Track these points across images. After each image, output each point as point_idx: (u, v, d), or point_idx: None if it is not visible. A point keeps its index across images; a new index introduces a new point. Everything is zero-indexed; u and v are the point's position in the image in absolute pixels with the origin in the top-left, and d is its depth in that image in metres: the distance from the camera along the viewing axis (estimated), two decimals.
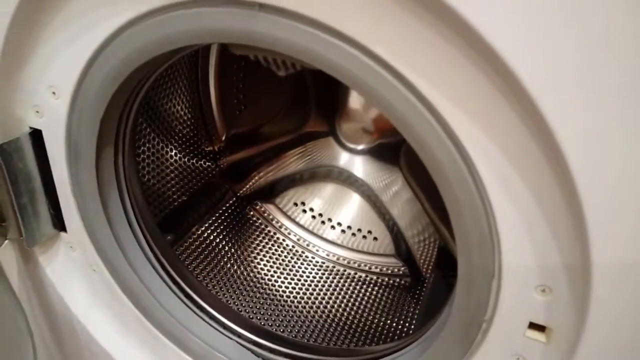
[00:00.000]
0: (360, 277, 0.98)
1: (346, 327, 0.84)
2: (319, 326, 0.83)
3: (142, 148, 0.82)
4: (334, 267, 0.99)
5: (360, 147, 0.92)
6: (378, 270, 0.98)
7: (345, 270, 0.98)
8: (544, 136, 0.35)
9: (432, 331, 0.54)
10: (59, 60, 0.52)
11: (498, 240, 0.42)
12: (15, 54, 0.52)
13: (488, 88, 0.36)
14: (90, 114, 0.53)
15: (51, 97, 0.54)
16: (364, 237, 0.99)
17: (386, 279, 0.97)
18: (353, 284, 0.96)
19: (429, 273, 0.92)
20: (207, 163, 1.00)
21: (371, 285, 0.96)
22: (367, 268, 0.99)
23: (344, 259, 1.00)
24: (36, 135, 0.58)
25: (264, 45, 0.42)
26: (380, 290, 0.95)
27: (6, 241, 0.61)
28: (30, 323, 0.52)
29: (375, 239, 0.99)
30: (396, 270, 0.97)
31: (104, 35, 0.48)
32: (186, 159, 0.94)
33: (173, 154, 0.91)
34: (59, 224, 0.65)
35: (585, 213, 0.36)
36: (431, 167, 0.41)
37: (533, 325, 0.45)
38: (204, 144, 0.98)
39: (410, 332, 0.82)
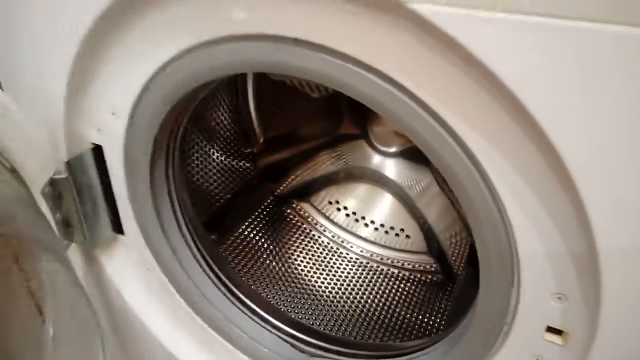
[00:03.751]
0: (393, 273, 1.01)
1: (379, 322, 0.88)
2: (352, 320, 0.88)
3: (190, 153, 0.89)
4: (367, 263, 1.03)
5: (391, 149, 0.95)
6: (411, 267, 1.01)
7: (378, 267, 1.02)
8: (554, 160, 0.38)
9: (459, 330, 0.58)
10: (118, 84, 0.58)
11: (517, 254, 0.45)
12: (80, 78, 0.58)
13: (503, 116, 0.40)
14: (145, 133, 0.59)
15: (111, 118, 0.61)
16: (397, 234, 1.03)
17: (418, 275, 1.00)
18: (386, 280, 1.00)
19: (461, 270, 0.95)
20: (247, 164, 1.05)
21: (404, 281, 1.00)
22: (400, 265, 1.02)
23: (377, 256, 1.03)
24: (97, 151, 0.64)
25: (297, 75, 0.47)
26: (413, 287, 0.99)
27: (72, 244, 0.68)
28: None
29: (407, 236, 1.02)
30: (428, 267, 1.00)
31: (158, 64, 0.54)
32: (228, 161, 1.00)
33: (216, 156, 0.97)
34: (118, 228, 0.71)
35: (594, 229, 0.39)
36: (455, 188, 0.45)
37: (551, 329, 0.48)
38: (243, 146, 1.03)
39: (442, 328, 0.86)
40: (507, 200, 0.43)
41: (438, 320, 0.88)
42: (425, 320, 0.89)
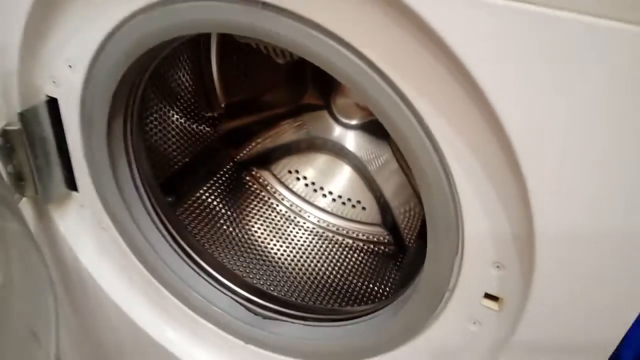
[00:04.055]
0: (348, 243, 1.04)
1: (332, 289, 0.91)
2: (306, 286, 0.91)
3: (149, 112, 0.87)
4: (323, 232, 1.05)
5: (352, 122, 0.97)
6: (365, 238, 1.05)
7: (334, 237, 1.05)
8: (505, 143, 0.41)
9: (404, 296, 0.61)
10: (77, 37, 0.56)
11: (462, 225, 0.48)
12: (36, 31, 0.56)
13: (452, 83, 0.42)
14: (103, 88, 0.58)
15: (68, 70, 0.59)
16: (353, 206, 1.05)
17: (372, 246, 1.04)
18: (341, 249, 1.03)
19: (412, 243, 0.99)
20: (207, 128, 1.04)
21: (357, 251, 1.03)
22: (354, 235, 1.05)
23: (333, 226, 1.06)
24: (53, 104, 0.63)
25: (264, 39, 0.47)
26: (366, 257, 1.02)
27: (24, 198, 0.66)
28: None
29: (363, 208, 1.05)
30: (381, 238, 1.04)
31: (119, 18, 0.52)
32: (187, 124, 0.98)
33: (175, 118, 0.95)
34: (71, 184, 0.70)
35: (535, 214, 0.42)
36: (410, 161, 0.47)
37: (488, 296, 0.52)
38: (204, 110, 1.02)
39: (389, 296, 0.90)
40: (458, 176, 0.46)
41: (387, 289, 0.92)
42: (376, 288, 0.93)
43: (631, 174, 0.38)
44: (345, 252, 1.02)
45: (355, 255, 1.02)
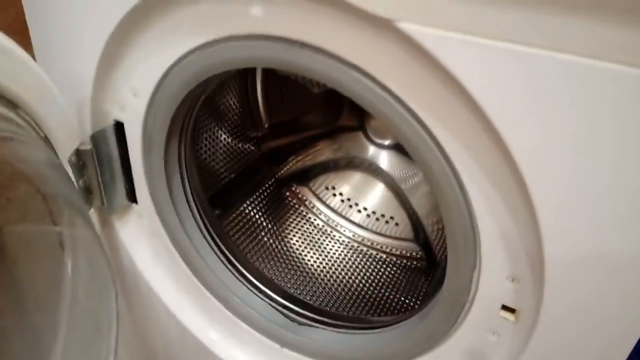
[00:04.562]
0: (381, 257, 1.09)
1: (364, 299, 0.96)
2: (340, 296, 0.96)
3: (200, 132, 0.96)
4: (358, 246, 1.10)
5: (386, 142, 1.02)
6: (398, 252, 1.09)
7: (368, 251, 1.10)
8: (512, 167, 0.46)
9: (428, 307, 0.65)
10: (142, 69, 0.65)
11: (480, 241, 0.53)
12: (108, 64, 0.65)
13: (467, 114, 0.47)
14: (163, 113, 0.67)
15: (133, 97, 0.68)
16: (387, 222, 1.10)
17: (404, 261, 1.08)
18: (374, 262, 1.07)
19: (443, 258, 1.02)
20: (252, 147, 1.12)
21: (390, 265, 1.07)
22: (387, 250, 1.09)
23: (367, 240, 1.11)
24: (119, 127, 0.71)
25: (301, 73, 0.54)
26: (399, 271, 1.06)
27: (91, 209, 0.75)
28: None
29: (396, 224, 1.09)
30: (414, 254, 1.08)
31: (179, 53, 0.61)
32: (234, 143, 1.07)
33: (223, 138, 1.04)
34: (132, 197, 0.78)
35: (543, 232, 0.46)
36: (430, 180, 0.53)
37: (505, 307, 0.55)
38: (249, 130, 1.10)
39: (417, 307, 0.93)
40: (474, 196, 0.50)
41: (418, 301, 0.96)
42: (407, 301, 0.97)
43: (633, 200, 0.42)
44: (378, 266, 1.06)
45: (388, 269, 1.06)
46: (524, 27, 0.40)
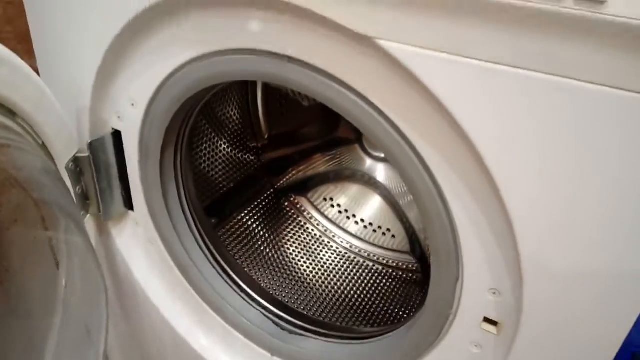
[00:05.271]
0: (377, 269, 1.09)
1: (358, 310, 0.96)
2: (334, 307, 0.96)
3: (200, 141, 0.98)
4: (355, 257, 1.11)
5: (382, 155, 1.03)
6: (394, 265, 1.09)
7: (364, 262, 1.10)
8: (491, 184, 0.46)
9: (415, 319, 0.66)
10: (139, 80, 0.67)
11: (462, 255, 0.53)
12: (106, 74, 0.67)
13: (448, 130, 0.48)
14: (158, 123, 0.68)
15: (130, 107, 0.70)
16: (384, 234, 1.11)
17: (400, 273, 1.08)
18: (370, 274, 1.08)
19: None
20: (251, 157, 1.14)
21: (386, 277, 1.08)
22: (384, 262, 1.10)
23: (364, 252, 1.11)
24: (117, 135, 0.73)
25: (289, 86, 0.55)
26: (394, 283, 1.06)
27: (88, 215, 0.77)
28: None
29: (393, 236, 1.10)
30: (410, 266, 1.08)
31: (174, 66, 0.62)
32: (233, 153, 1.08)
33: (222, 148, 1.06)
34: (129, 204, 0.80)
35: (520, 246, 0.47)
36: (415, 197, 0.54)
37: (487, 320, 0.56)
38: (249, 140, 1.12)
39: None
40: (457, 213, 0.51)
41: (411, 314, 0.96)
42: (401, 313, 0.97)
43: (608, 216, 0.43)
44: (374, 278, 1.07)
45: (384, 280, 1.06)
46: (499, 47, 0.41)
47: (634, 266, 0.43)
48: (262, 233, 1.07)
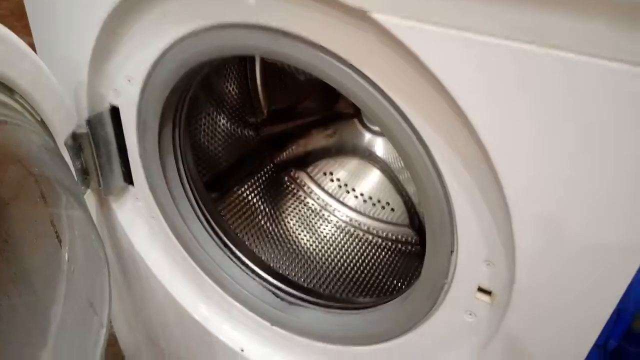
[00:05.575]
0: (377, 242, 1.10)
1: (357, 282, 0.98)
2: (334, 278, 0.97)
3: (199, 116, 0.98)
4: (354, 231, 1.12)
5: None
6: (393, 237, 1.10)
7: (364, 235, 1.11)
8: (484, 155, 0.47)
9: (411, 289, 0.67)
10: (135, 56, 0.66)
11: (456, 226, 0.54)
12: (103, 50, 0.67)
13: (442, 103, 0.48)
14: (155, 98, 0.68)
15: (127, 83, 0.70)
16: (383, 207, 1.12)
17: (399, 245, 1.09)
18: (369, 247, 1.09)
19: None
20: (251, 132, 1.14)
21: (385, 249, 1.09)
22: (383, 235, 1.11)
23: (364, 225, 1.12)
24: (115, 111, 0.73)
25: (284, 60, 0.55)
26: (393, 255, 1.08)
27: (88, 190, 0.78)
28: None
29: (392, 210, 1.11)
30: (409, 239, 1.09)
31: (169, 42, 0.62)
32: (233, 128, 1.08)
33: (222, 123, 1.06)
34: (128, 179, 0.81)
35: (512, 217, 0.48)
36: (409, 170, 0.54)
37: (481, 289, 0.57)
38: (248, 115, 1.12)
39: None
40: (451, 185, 0.52)
41: (410, 285, 0.98)
42: (399, 284, 0.99)
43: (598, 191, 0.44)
44: (373, 250, 1.08)
45: (383, 253, 1.08)
46: (492, 19, 0.41)
47: (626, 238, 0.44)
48: (262, 207, 1.08)
